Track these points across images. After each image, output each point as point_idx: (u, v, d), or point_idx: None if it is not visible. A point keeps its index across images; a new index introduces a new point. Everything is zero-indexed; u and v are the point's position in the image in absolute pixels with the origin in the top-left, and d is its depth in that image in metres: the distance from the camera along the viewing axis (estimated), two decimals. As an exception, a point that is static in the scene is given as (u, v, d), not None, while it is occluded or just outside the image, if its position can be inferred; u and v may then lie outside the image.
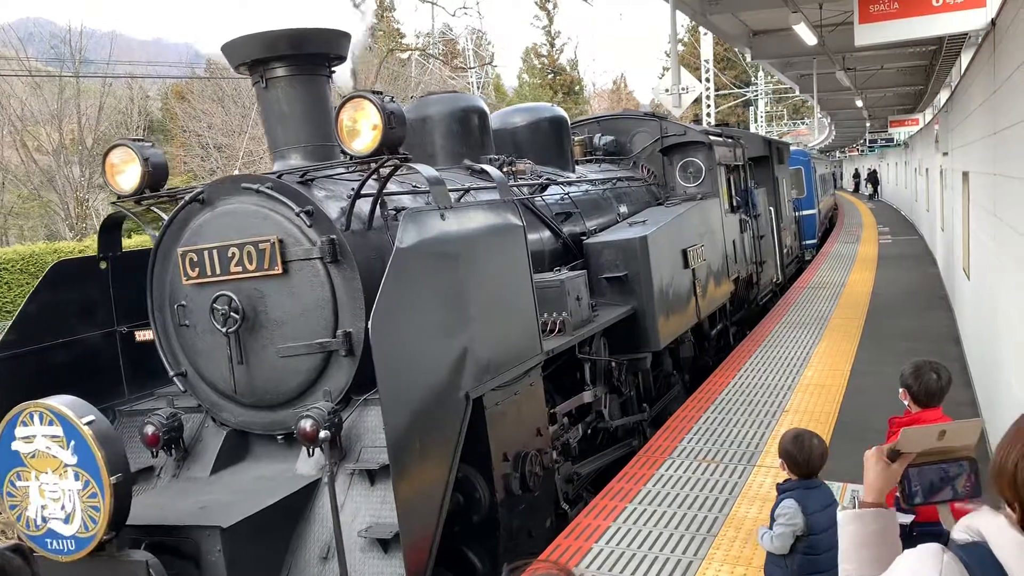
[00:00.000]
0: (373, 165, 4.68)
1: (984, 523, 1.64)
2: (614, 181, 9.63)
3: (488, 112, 7.77)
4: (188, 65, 43.86)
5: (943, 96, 20.61)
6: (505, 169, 7.12)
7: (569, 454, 6.44)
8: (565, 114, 9.51)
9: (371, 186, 4.91)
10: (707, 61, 36.24)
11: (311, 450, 4.46)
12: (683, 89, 15.31)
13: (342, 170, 5.07)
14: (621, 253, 7.57)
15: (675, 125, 11.04)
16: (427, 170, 4.99)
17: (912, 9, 7.87)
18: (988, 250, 7.40)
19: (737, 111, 58.57)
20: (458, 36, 55.04)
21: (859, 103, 26.56)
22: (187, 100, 37.04)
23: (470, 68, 49.39)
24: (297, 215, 4.69)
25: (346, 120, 4.55)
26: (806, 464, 3.77)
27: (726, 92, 51.22)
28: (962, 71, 12.34)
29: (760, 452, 6.87)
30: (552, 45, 65.67)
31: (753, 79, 54.18)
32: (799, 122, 58.93)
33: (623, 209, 9.22)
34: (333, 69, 5.44)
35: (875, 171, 49.74)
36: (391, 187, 5.15)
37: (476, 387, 4.60)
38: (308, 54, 5.18)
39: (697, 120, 36.53)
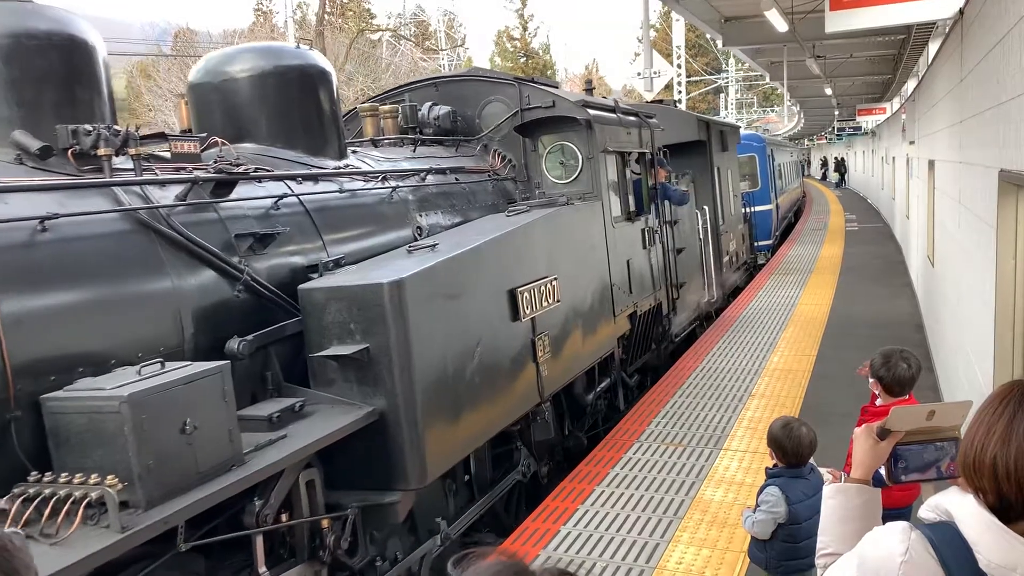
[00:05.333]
0: None
1: (952, 502, 1.64)
2: (422, 175, 6.39)
3: (94, 45, 4.30)
4: (154, 43, 43.14)
5: (910, 85, 20.85)
6: (98, 151, 3.95)
7: None
8: (326, 64, 5.90)
9: None
10: (679, 47, 36.25)
11: None
12: (655, 73, 15.28)
13: None
14: (356, 309, 4.32)
15: (541, 92, 7.71)
16: None
17: (882, -3, 7.91)
18: (953, 237, 7.50)
19: (708, 98, 58.85)
20: (430, 17, 54.67)
21: (828, 91, 26.74)
22: (152, 78, 36.44)
23: (441, 50, 49.04)
24: None
25: None
26: (795, 453, 3.76)
27: (697, 79, 51.37)
28: (929, 60, 12.47)
29: (727, 436, 6.94)
30: (525, 28, 65.44)
31: (724, 66, 54.39)
32: (769, 110, 59.37)
33: (427, 221, 6.18)
34: None
35: (843, 159, 50.32)
36: None
37: None
38: None
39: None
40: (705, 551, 4.98)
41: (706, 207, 11.73)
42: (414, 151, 6.93)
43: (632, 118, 8.82)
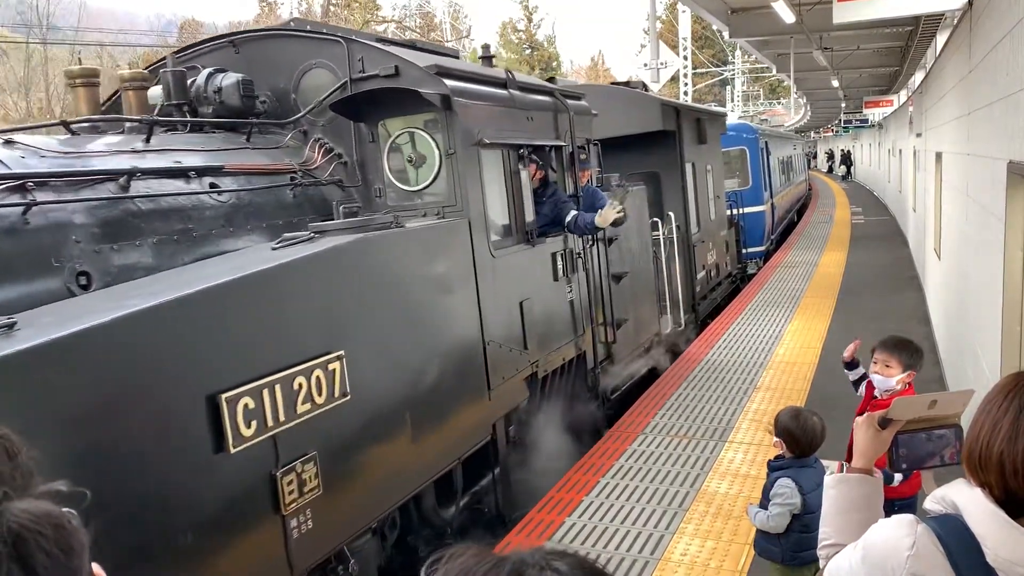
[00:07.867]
0: None
1: (959, 495, 1.63)
2: (122, 180, 3.93)
3: None
4: (160, 33, 43.13)
5: (918, 77, 20.75)
6: None
7: None
8: None
9: None
10: (685, 39, 36.15)
11: None
12: (661, 64, 15.15)
13: None
14: None
15: (381, 53, 5.30)
16: None
17: (890, -12, 7.86)
18: (959, 230, 7.47)
19: (714, 90, 58.70)
20: (435, 9, 54.58)
21: (835, 83, 26.64)
22: (158, 69, 36.48)
23: (447, 42, 48.95)
24: None
25: None
26: (808, 443, 3.70)
27: (703, 71, 51.23)
28: (937, 52, 12.40)
29: (732, 428, 6.93)
30: (529, 20, 65.30)
31: (730, 58, 54.21)
32: (775, 102, 59.17)
33: (114, 260, 3.77)
34: None
35: (849, 152, 50.14)
36: None
37: None
38: None
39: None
40: (710, 543, 4.98)
41: (672, 213, 9.63)
42: (147, 141, 4.43)
43: (540, 98, 6.41)
